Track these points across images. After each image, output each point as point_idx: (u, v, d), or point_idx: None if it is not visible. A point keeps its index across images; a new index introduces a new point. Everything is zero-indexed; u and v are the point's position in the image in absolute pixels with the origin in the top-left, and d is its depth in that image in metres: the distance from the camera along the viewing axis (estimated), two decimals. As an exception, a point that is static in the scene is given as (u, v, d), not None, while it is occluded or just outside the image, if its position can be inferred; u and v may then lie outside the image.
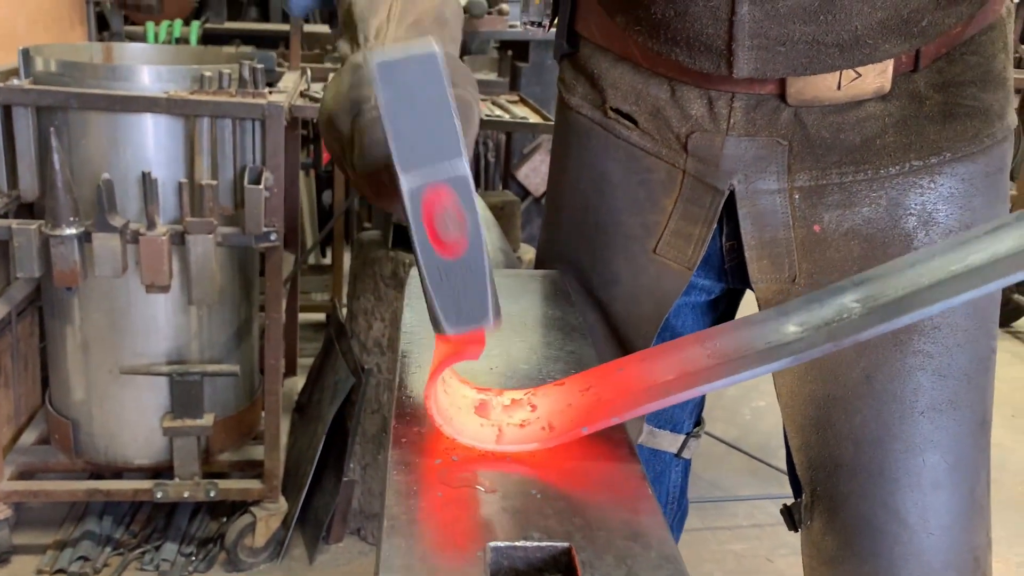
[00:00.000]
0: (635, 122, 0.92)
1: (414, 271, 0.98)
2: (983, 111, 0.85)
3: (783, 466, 2.98)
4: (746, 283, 0.93)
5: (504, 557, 0.52)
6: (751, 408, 3.24)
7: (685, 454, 1.11)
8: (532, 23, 2.56)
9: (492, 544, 0.51)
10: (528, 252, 2.60)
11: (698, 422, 1.14)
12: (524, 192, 2.85)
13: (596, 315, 0.99)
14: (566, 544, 0.52)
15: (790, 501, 0.98)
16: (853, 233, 0.86)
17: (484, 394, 0.66)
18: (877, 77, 0.82)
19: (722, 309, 1.06)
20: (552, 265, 1.04)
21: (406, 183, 0.56)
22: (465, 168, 0.57)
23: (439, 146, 0.56)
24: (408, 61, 0.54)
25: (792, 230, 0.87)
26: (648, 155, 0.92)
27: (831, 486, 0.89)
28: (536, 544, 0.52)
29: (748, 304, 1.04)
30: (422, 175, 0.56)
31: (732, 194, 0.88)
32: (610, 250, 0.96)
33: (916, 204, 0.85)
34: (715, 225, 0.90)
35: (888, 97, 0.84)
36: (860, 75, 0.82)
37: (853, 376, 0.87)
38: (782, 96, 0.84)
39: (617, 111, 0.93)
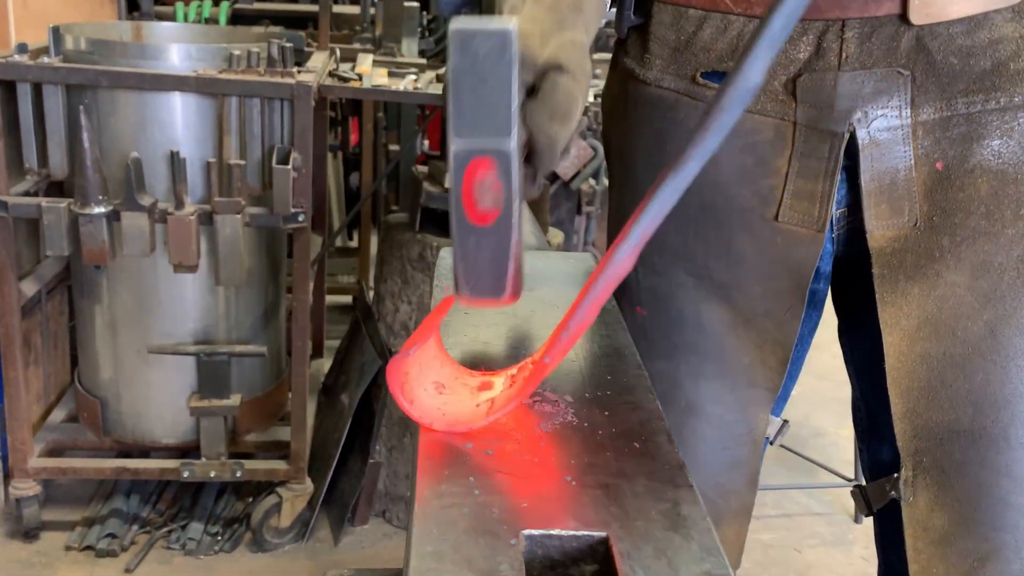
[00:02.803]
0: None
1: (443, 252, 0.96)
2: None
3: (815, 456, 2.95)
4: (858, 245, 0.85)
5: (538, 546, 0.50)
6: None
7: (776, 441, 1.05)
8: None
9: (526, 532, 0.49)
10: (556, 236, 2.58)
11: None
12: (552, 176, 2.82)
13: (716, 303, 0.89)
14: (603, 534, 0.50)
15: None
16: (981, 169, 0.79)
17: (491, 376, 0.66)
18: None
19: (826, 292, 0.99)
20: (644, 257, 0.97)
21: (454, 147, 0.59)
22: (512, 146, 0.59)
23: (492, 120, 0.58)
24: (483, 33, 0.57)
25: (915, 169, 0.81)
26: (751, 114, 0.84)
27: (942, 455, 0.81)
28: (572, 533, 0.50)
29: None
30: (470, 142, 0.59)
31: (851, 140, 0.81)
32: (725, 229, 0.87)
33: None
34: (839, 176, 0.82)
35: (1023, 15, 0.77)
36: None
37: (974, 331, 0.80)
38: (903, 17, 0.77)
39: (710, 75, 0.86)
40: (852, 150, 0.82)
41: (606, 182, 2.95)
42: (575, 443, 0.59)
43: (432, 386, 0.64)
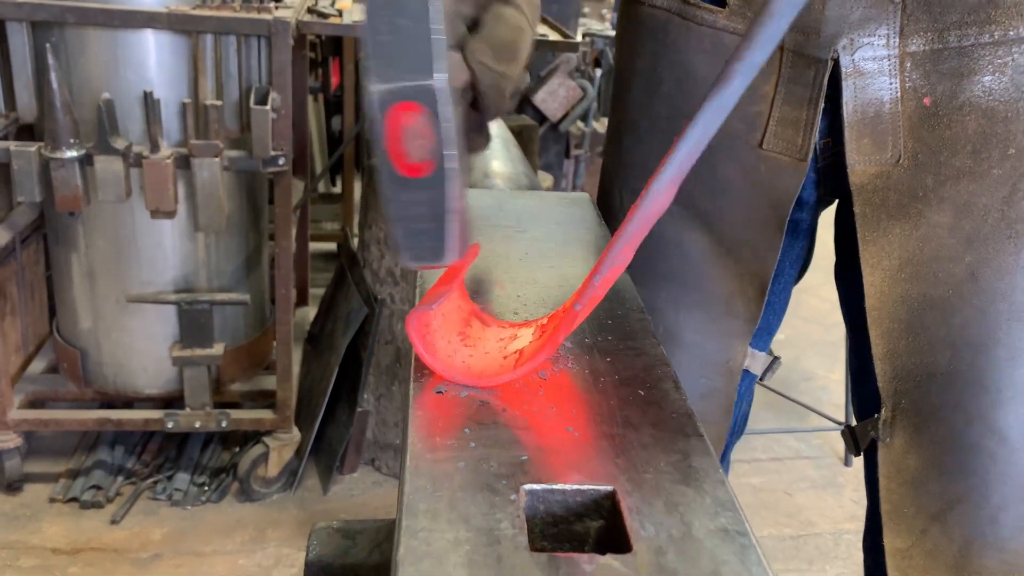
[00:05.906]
0: (723, 2, 0.82)
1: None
2: None
3: (804, 399, 2.95)
4: (841, 179, 0.83)
5: (540, 501, 0.46)
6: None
7: (766, 378, 1.03)
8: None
9: (527, 487, 0.46)
10: (545, 180, 2.53)
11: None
12: (541, 117, 2.75)
13: (698, 232, 0.89)
14: (609, 487, 0.46)
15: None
16: (970, 106, 0.76)
17: (519, 329, 0.61)
18: None
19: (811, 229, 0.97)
20: (634, 186, 0.93)
21: (372, 91, 0.53)
22: (438, 86, 0.53)
23: (414, 56, 0.52)
24: None
25: (900, 103, 0.78)
26: (739, 37, 0.80)
27: (919, 398, 0.80)
28: (576, 487, 0.46)
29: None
30: (390, 84, 0.53)
31: (835, 68, 0.78)
32: (711, 155, 0.83)
33: None
34: (823, 104, 0.80)
35: None
36: None
37: (956, 273, 0.78)
38: None
39: None
40: (836, 79, 0.79)
41: (595, 124, 2.89)
42: (576, 391, 0.56)
43: (457, 338, 0.59)
